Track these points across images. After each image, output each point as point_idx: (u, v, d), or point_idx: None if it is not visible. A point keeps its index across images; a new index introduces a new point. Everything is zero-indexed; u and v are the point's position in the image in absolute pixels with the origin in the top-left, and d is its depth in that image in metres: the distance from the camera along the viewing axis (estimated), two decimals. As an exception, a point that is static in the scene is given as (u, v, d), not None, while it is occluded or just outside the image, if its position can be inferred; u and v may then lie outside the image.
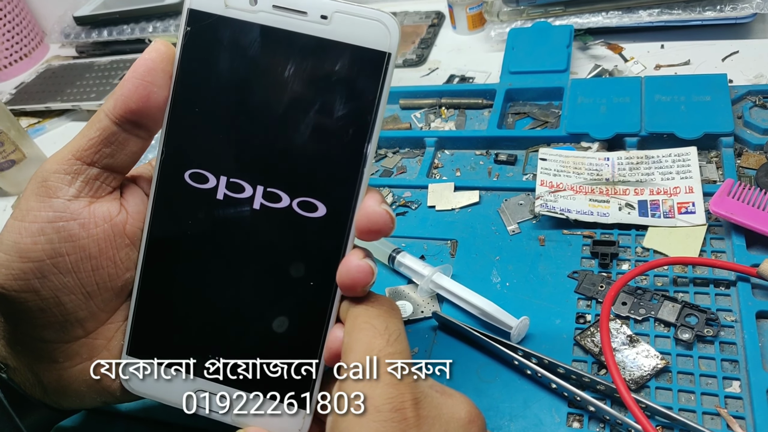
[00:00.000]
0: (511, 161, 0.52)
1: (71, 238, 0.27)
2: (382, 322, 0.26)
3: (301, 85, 0.26)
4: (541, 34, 0.63)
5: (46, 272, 0.27)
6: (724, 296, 0.38)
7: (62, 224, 0.27)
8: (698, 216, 0.42)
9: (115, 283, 0.29)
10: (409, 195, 0.51)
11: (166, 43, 0.27)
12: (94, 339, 0.29)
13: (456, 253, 0.45)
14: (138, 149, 0.28)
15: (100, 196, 0.28)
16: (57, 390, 0.30)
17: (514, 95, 0.59)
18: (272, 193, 0.27)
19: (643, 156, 0.47)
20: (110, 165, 0.28)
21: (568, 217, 0.44)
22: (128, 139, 0.28)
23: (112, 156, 0.27)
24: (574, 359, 0.36)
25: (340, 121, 0.26)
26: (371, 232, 0.27)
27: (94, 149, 0.27)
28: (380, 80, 0.26)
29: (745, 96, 0.51)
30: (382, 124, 0.27)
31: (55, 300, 0.27)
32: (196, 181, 0.28)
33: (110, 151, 0.27)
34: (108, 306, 0.29)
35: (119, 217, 0.28)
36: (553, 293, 0.40)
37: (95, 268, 0.28)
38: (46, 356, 0.29)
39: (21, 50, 0.94)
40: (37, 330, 0.28)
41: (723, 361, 0.35)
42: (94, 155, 0.27)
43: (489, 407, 0.35)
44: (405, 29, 0.78)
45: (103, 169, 0.28)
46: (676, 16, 0.61)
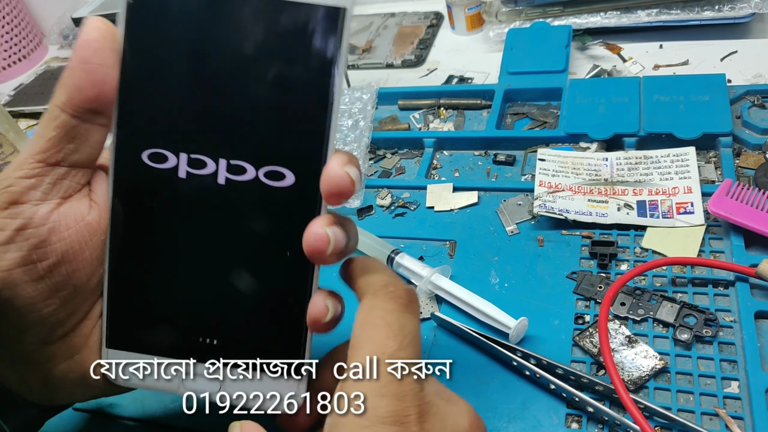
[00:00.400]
0: (509, 162, 0.52)
1: (42, 245, 0.25)
2: (397, 319, 0.25)
3: (255, 50, 0.25)
4: (539, 34, 0.63)
5: (17, 281, 0.25)
6: (723, 296, 0.38)
7: (31, 231, 0.25)
8: (697, 216, 0.42)
9: (92, 281, 0.28)
10: (408, 196, 0.51)
11: (104, 20, 0.25)
12: (74, 337, 0.28)
13: (455, 253, 0.45)
14: (101, 138, 0.26)
15: (70, 195, 0.27)
16: (45, 389, 0.29)
17: (513, 96, 0.59)
18: (236, 166, 0.26)
19: (641, 156, 0.47)
20: (76, 161, 0.26)
21: (567, 218, 0.44)
22: (90, 130, 0.26)
23: (76, 151, 0.26)
24: (573, 360, 0.36)
25: (300, 83, 0.25)
26: (332, 195, 0.25)
27: (57, 148, 0.25)
28: (338, 37, 0.25)
29: (743, 96, 0.51)
30: (342, 88, 0.26)
31: (30, 307, 0.26)
32: (155, 162, 0.26)
33: (74, 146, 0.26)
34: (85, 303, 0.28)
35: (91, 216, 0.27)
36: (552, 294, 0.40)
37: (70, 271, 0.26)
38: (28, 359, 0.28)
39: (20, 52, 0.94)
40: (14, 335, 0.27)
41: (722, 362, 0.35)
42: (58, 154, 0.25)
43: (487, 408, 0.35)
44: (404, 30, 0.78)
45: (70, 167, 0.26)
46: (674, 16, 0.61)
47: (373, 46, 0.76)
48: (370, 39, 0.77)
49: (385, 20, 0.81)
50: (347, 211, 0.51)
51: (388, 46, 0.75)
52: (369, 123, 0.58)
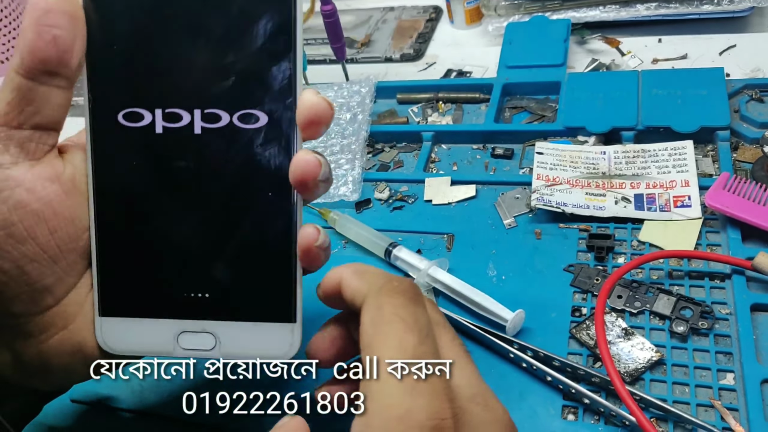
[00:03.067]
0: (507, 155, 0.52)
1: (20, 205, 0.26)
2: (410, 313, 0.24)
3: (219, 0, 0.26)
4: (538, 28, 0.63)
5: (2, 244, 0.26)
6: (719, 289, 0.38)
7: (7, 193, 0.25)
8: (694, 209, 0.42)
9: (76, 243, 0.28)
10: (406, 189, 0.51)
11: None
12: (66, 306, 0.28)
13: (452, 246, 0.45)
14: (62, 100, 0.27)
15: (40, 157, 0.27)
16: (41, 367, 0.29)
17: (511, 89, 0.59)
18: (211, 114, 0.27)
19: (639, 150, 0.47)
20: (39, 123, 0.26)
21: (565, 211, 0.44)
22: (49, 92, 0.26)
23: (37, 113, 0.26)
24: (570, 352, 0.37)
25: (262, 25, 0.26)
26: (311, 122, 0.26)
27: (17, 110, 0.25)
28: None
29: (741, 90, 0.51)
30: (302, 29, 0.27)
31: (18, 270, 0.26)
32: (130, 121, 0.27)
33: (34, 108, 0.26)
34: (74, 269, 0.28)
35: (66, 174, 0.27)
36: (549, 286, 0.41)
37: (53, 230, 0.27)
38: (21, 332, 0.28)
39: (18, 45, 0.93)
40: (5, 304, 0.27)
41: (717, 354, 0.35)
42: (19, 116, 0.26)
43: (484, 400, 0.35)
44: (402, 23, 0.78)
45: (33, 129, 0.26)
46: (673, 9, 0.61)
47: (371, 40, 0.76)
48: (368, 33, 0.77)
49: (384, 14, 0.81)
50: (345, 204, 0.51)
51: (386, 39, 0.75)
52: (367, 116, 0.58)
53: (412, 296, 0.25)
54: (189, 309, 0.28)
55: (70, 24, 0.25)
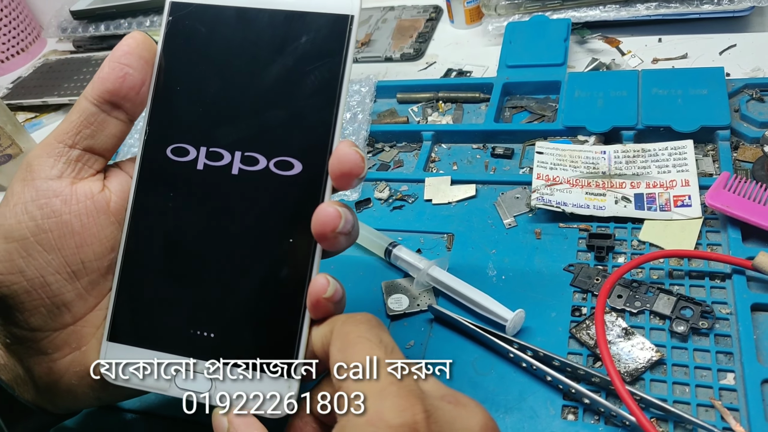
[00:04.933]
0: (507, 155, 0.52)
1: (54, 214, 0.27)
2: (375, 335, 0.25)
3: (273, 54, 0.28)
4: (538, 27, 0.62)
5: (30, 250, 0.27)
6: (720, 289, 0.38)
7: (44, 201, 0.28)
8: (694, 209, 0.42)
9: (101, 262, 0.29)
10: (406, 189, 0.51)
11: (142, 33, 0.29)
12: (83, 327, 0.29)
13: (452, 246, 0.45)
14: (118, 132, 0.29)
15: (83, 177, 0.29)
16: (48, 386, 0.29)
17: (512, 89, 0.59)
18: (250, 157, 0.28)
19: (639, 149, 0.47)
20: (91, 146, 0.29)
21: (565, 211, 0.44)
22: (107, 121, 0.29)
23: (92, 137, 0.28)
24: (570, 352, 0.37)
25: (311, 81, 0.28)
26: (343, 174, 0.27)
27: (75, 131, 0.28)
28: (345, 41, 0.28)
29: (742, 89, 0.51)
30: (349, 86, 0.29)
31: (40, 280, 0.27)
32: (177, 155, 0.29)
33: (90, 132, 0.28)
34: (95, 289, 0.29)
35: (102, 195, 0.29)
36: (549, 286, 0.40)
37: (79, 245, 0.28)
38: (35, 347, 0.29)
39: (18, 45, 0.93)
40: (24, 316, 0.28)
41: (718, 354, 0.35)
42: (75, 136, 0.28)
43: (484, 400, 0.35)
44: (403, 23, 0.78)
45: (84, 151, 0.29)
46: (673, 9, 0.61)
47: (372, 40, 0.76)
48: (369, 32, 0.77)
49: (384, 14, 0.81)
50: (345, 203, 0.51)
51: (387, 39, 0.75)
52: (367, 116, 0.58)
53: (374, 323, 0.26)
54: (195, 347, 0.28)
55: (141, 67, 0.29)
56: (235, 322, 0.28)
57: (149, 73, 0.29)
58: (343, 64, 0.28)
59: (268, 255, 0.28)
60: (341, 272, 0.43)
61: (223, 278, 0.28)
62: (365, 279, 0.44)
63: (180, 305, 0.29)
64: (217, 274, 0.28)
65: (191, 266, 0.29)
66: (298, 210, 0.28)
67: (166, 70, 0.29)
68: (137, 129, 0.31)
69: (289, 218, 0.28)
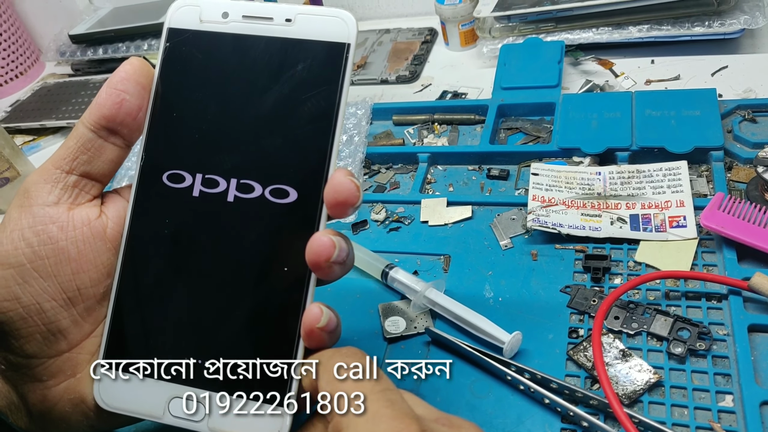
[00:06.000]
0: (503, 176, 0.53)
1: (50, 241, 0.27)
2: (360, 361, 0.25)
3: (270, 82, 0.28)
4: (532, 50, 0.63)
5: (26, 277, 0.27)
6: (716, 310, 0.38)
7: (41, 228, 0.27)
8: (689, 230, 0.43)
9: (96, 289, 0.29)
10: (402, 210, 0.52)
11: (140, 59, 0.29)
12: (78, 353, 0.29)
13: (449, 268, 0.45)
14: (114, 157, 0.29)
15: (80, 203, 0.29)
16: (42, 413, 0.29)
17: (506, 111, 0.59)
18: (245, 185, 0.28)
19: (634, 170, 0.48)
20: (87, 172, 0.29)
21: (560, 232, 0.44)
22: (104, 146, 0.29)
23: (89, 163, 0.29)
24: (567, 374, 0.36)
25: (308, 109, 0.28)
26: (338, 203, 0.27)
27: (72, 157, 0.28)
28: (342, 68, 0.28)
29: (734, 110, 0.52)
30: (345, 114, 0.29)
31: (36, 307, 0.27)
32: (173, 182, 0.29)
33: (87, 158, 0.28)
34: (91, 316, 0.29)
35: (98, 221, 0.29)
36: (546, 308, 0.40)
37: (75, 271, 0.28)
38: (29, 374, 0.28)
39: (17, 68, 0.94)
40: (19, 342, 0.28)
41: (716, 375, 0.35)
42: (72, 162, 0.28)
43: (482, 423, 0.35)
44: (398, 46, 0.78)
45: (81, 177, 0.29)
46: (665, 31, 0.61)
47: (367, 62, 0.76)
48: (364, 55, 0.78)
49: (380, 36, 0.82)
50: (342, 225, 0.51)
51: (382, 61, 0.76)
52: (363, 138, 0.59)
53: (361, 355, 0.26)
54: (186, 375, 0.28)
55: (138, 93, 0.29)
56: (230, 351, 0.28)
57: (146, 99, 0.29)
58: (339, 93, 0.28)
59: (262, 284, 0.28)
60: (338, 295, 0.43)
61: (218, 307, 0.28)
62: (362, 301, 0.44)
63: (174, 333, 0.29)
64: (211, 302, 0.28)
65: (186, 294, 0.29)
66: (292, 238, 0.28)
67: (163, 96, 0.29)
68: (134, 153, 0.30)
69: (284, 247, 0.28)
